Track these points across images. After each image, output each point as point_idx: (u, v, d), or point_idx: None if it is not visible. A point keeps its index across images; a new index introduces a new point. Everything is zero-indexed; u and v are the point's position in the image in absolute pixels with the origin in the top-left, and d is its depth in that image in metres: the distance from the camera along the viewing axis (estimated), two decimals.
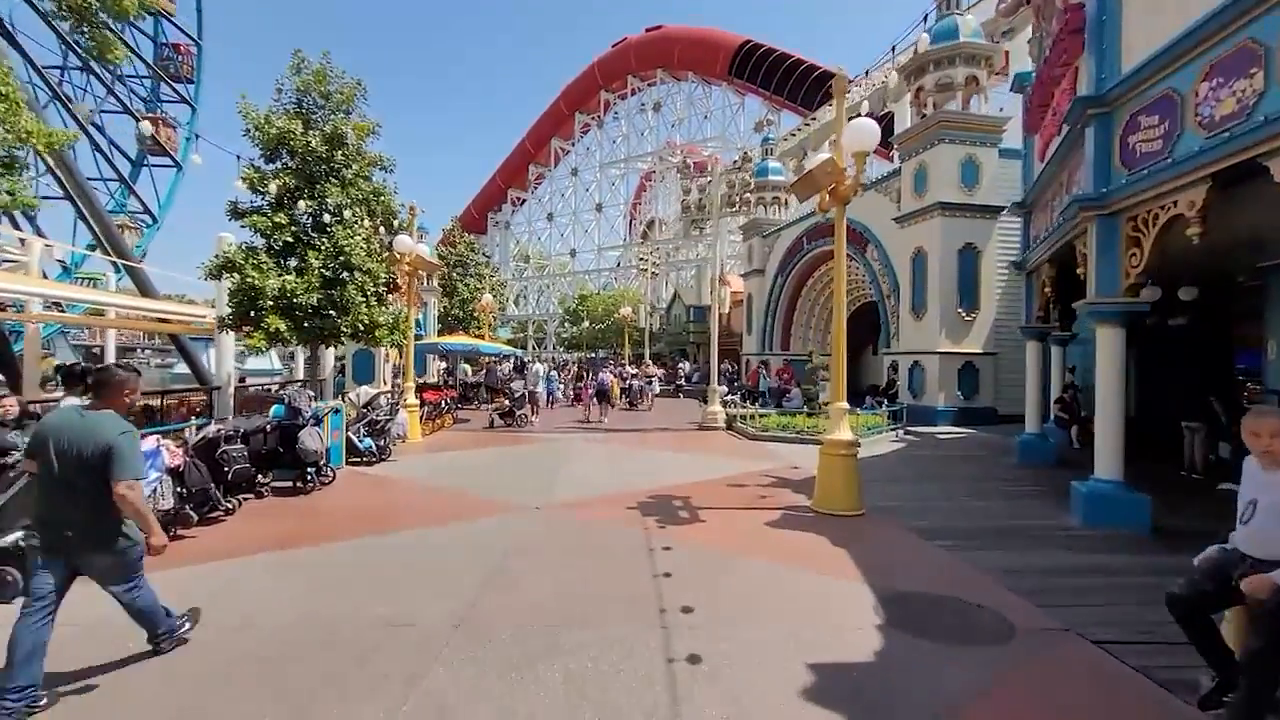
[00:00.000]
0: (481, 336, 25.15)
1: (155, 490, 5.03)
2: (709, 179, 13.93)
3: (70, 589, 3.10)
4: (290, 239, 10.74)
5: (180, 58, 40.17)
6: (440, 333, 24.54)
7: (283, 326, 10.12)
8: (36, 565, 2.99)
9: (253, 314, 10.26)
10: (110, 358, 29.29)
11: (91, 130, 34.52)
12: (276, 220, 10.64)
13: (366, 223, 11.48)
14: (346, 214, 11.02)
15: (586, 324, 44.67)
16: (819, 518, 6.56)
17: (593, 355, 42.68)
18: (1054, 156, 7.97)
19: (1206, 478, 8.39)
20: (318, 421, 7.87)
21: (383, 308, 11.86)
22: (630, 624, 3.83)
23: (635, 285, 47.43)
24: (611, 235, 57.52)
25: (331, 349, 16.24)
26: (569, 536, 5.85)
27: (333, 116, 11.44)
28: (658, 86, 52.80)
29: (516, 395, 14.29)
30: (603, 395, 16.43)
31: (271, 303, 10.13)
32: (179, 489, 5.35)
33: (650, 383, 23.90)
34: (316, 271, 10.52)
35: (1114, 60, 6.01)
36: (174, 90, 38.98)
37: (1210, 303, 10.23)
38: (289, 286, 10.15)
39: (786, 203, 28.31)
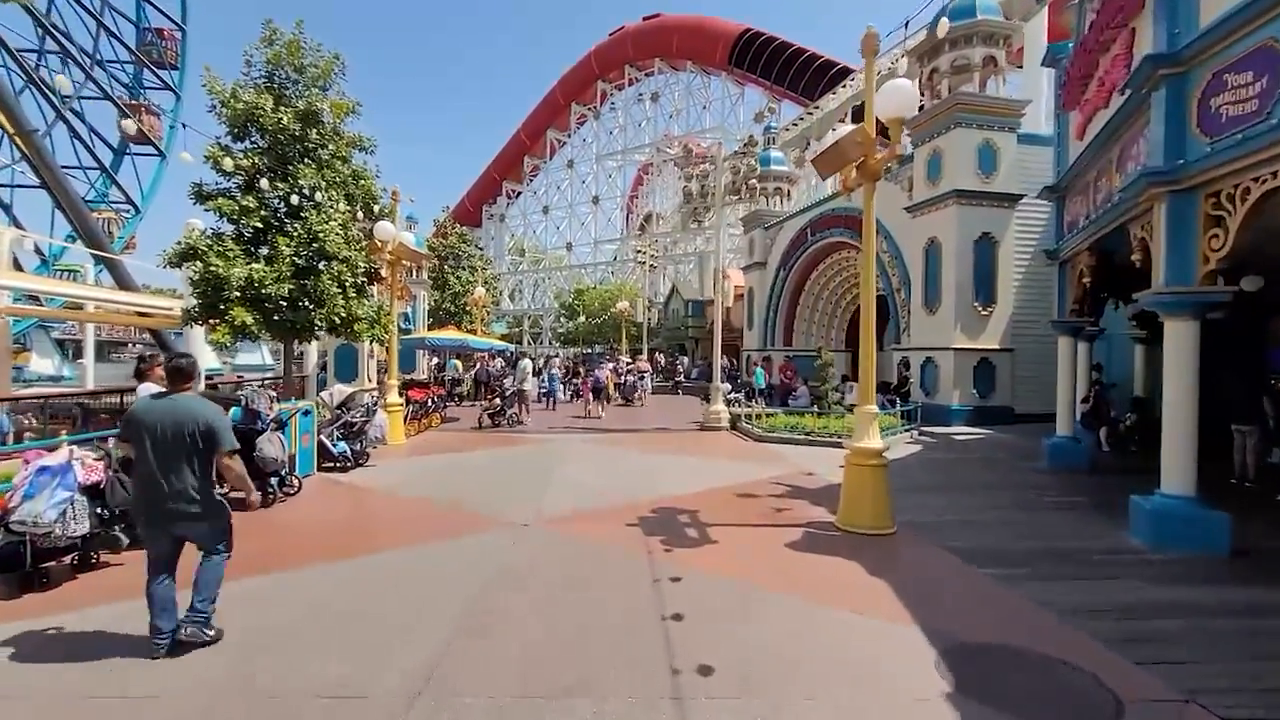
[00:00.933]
0: (474, 331, 24.30)
1: (64, 513, 4.20)
2: (711, 166, 13.04)
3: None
4: (260, 224, 9.86)
5: (164, 43, 39.01)
6: (431, 327, 23.70)
7: (249, 319, 9.26)
8: (146, 538, 3.51)
9: (220, 306, 9.40)
10: (90, 353, 28.30)
11: (70, 116, 33.41)
12: (244, 204, 9.76)
13: (343, 207, 10.60)
14: (320, 197, 10.14)
15: (582, 319, 43.80)
16: (845, 537, 5.78)
17: (588, 351, 41.84)
18: (1100, 133, 7.17)
19: (1261, 486, 7.67)
20: (281, 426, 7.04)
21: (363, 300, 11.00)
22: (635, 691, 3.04)
23: (633, 280, 46.58)
24: (608, 229, 56.63)
25: (314, 344, 15.41)
26: (559, 562, 5.04)
27: (307, 92, 10.54)
28: (655, 77, 51.76)
29: (508, 393, 13.47)
30: (598, 391, 15.99)
31: (238, 293, 9.27)
32: (99, 509, 4.52)
33: (643, 378, 23.62)
34: (288, 260, 9.66)
35: (1190, 12, 5.21)
36: (157, 77, 37.83)
37: (1248, 295, 9.50)
38: (257, 276, 9.29)
39: (789, 194, 27.54)
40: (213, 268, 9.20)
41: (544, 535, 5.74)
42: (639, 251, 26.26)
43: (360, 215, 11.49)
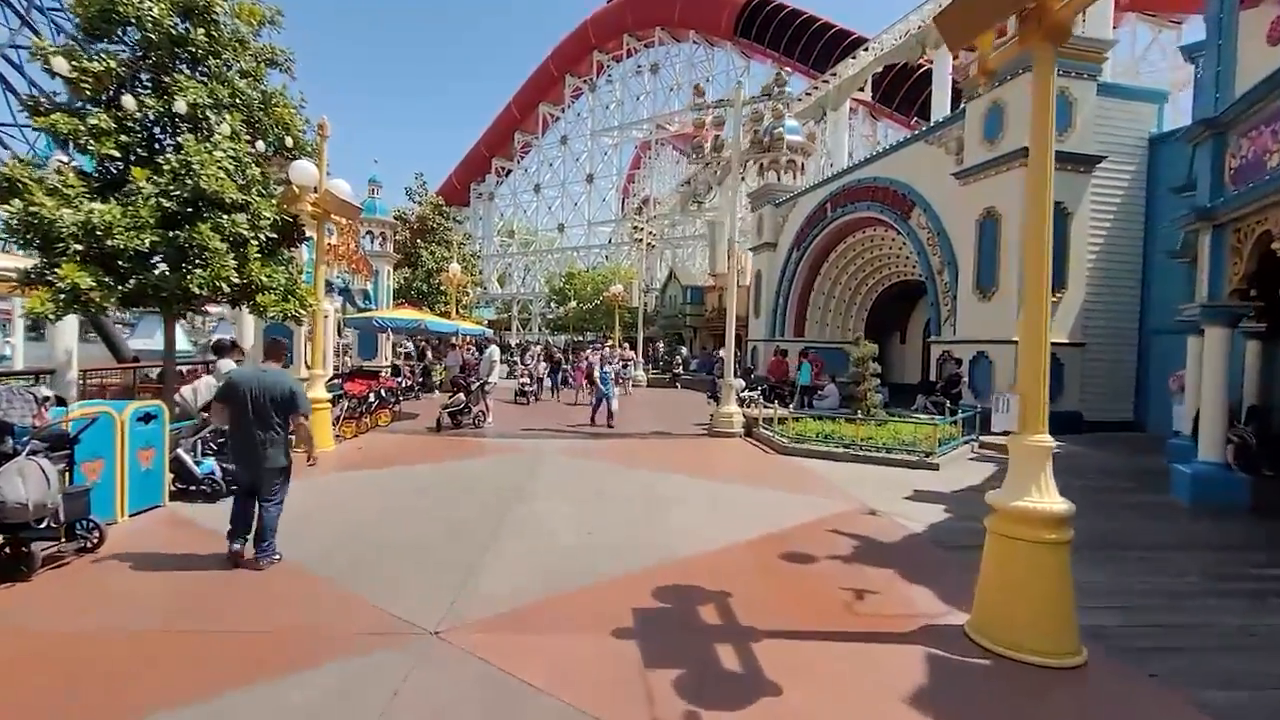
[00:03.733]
0: (447, 314, 21.60)
1: None
2: (722, 114, 10.46)
3: None
4: (115, 152, 7.13)
5: None
6: (401, 308, 20.99)
7: (87, 282, 6.56)
8: (240, 475, 4.58)
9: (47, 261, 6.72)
10: (19, 330, 25.30)
11: (2, 66, 30.08)
12: (96, 123, 7.02)
13: (243, 137, 7.88)
14: (224, 129, 7.43)
15: (574, 304, 41.10)
16: (998, 669, 3.25)
17: (579, 339, 39.21)
18: None
19: None
20: (62, 445, 4.40)
21: (271, 264, 8.31)
22: None
23: (627, 264, 43.86)
24: (603, 210, 53.66)
25: (252, 320, 12.67)
26: None
27: None
28: (656, 48, 48.60)
29: (473, 387, 10.85)
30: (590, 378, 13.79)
31: (73, 245, 6.58)
32: None
33: (625, 367, 21.68)
34: (151, 201, 6.95)
35: None
36: None
37: None
38: (100, 221, 6.58)
39: (803, 168, 24.86)
40: (36, 206, 6.48)
41: (455, 670, 3.15)
42: (636, 228, 23.51)
43: (273, 154, 8.76)
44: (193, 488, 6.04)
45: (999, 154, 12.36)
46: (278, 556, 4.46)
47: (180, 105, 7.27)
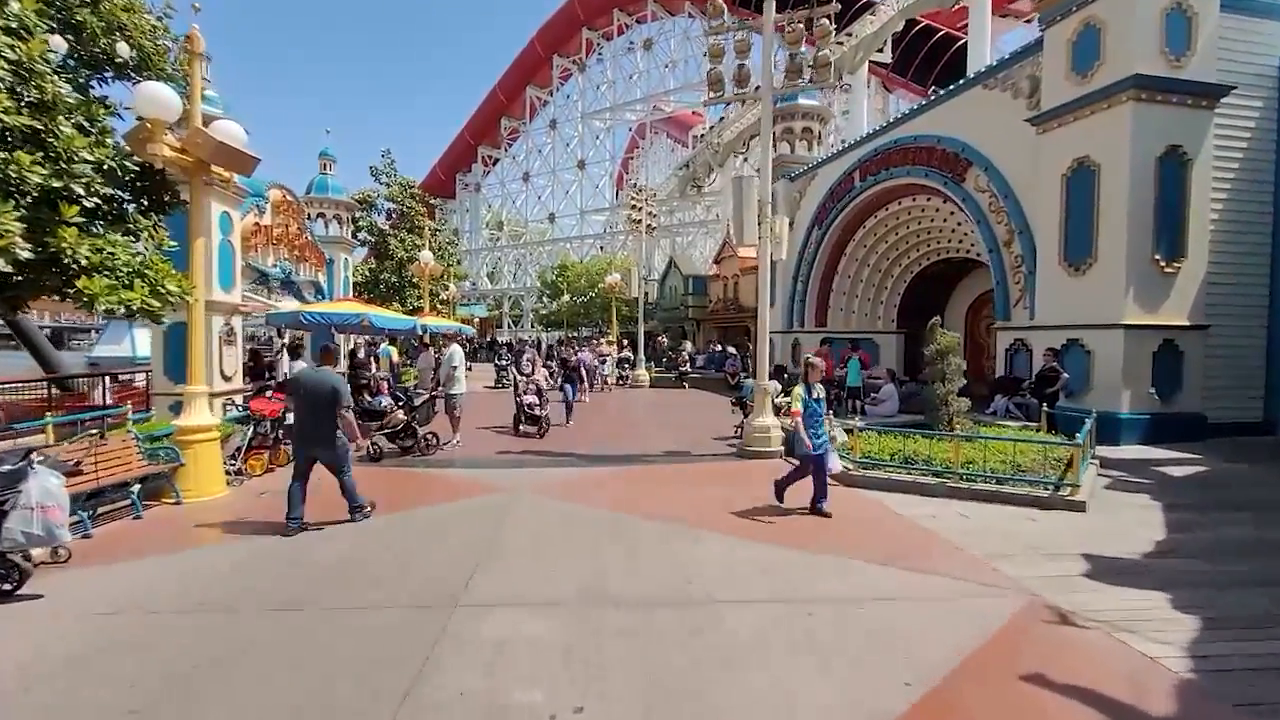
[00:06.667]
0: (419, 310, 18.90)
1: None
2: (746, 36, 7.71)
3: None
4: None
5: None
6: (370, 304, 18.30)
7: None
8: (297, 454, 5.52)
9: None
10: None
11: None
12: None
13: (38, 30, 5.18)
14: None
15: (567, 298, 38.43)
16: None
17: (573, 334, 36.60)
18: None
19: None
20: None
21: (107, 234, 5.64)
22: None
23: (624, 254, 41.17)
24: (596, 198, 50.80)
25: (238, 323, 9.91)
26: None
27: None
28: (649, 23, 45.65)
29: (417, 401, 8.20)
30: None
31: None
32: None
33: (603, 362, 20.06)
34: None
35: None
36: None
37: None
38: None
39: (820, 136, 22.23)
40: None
41: None
42: (634, 207, 20.81)
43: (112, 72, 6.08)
44: None
45: (1095, 88, 9.74)
46: (368, 510, 5.62)
47: None
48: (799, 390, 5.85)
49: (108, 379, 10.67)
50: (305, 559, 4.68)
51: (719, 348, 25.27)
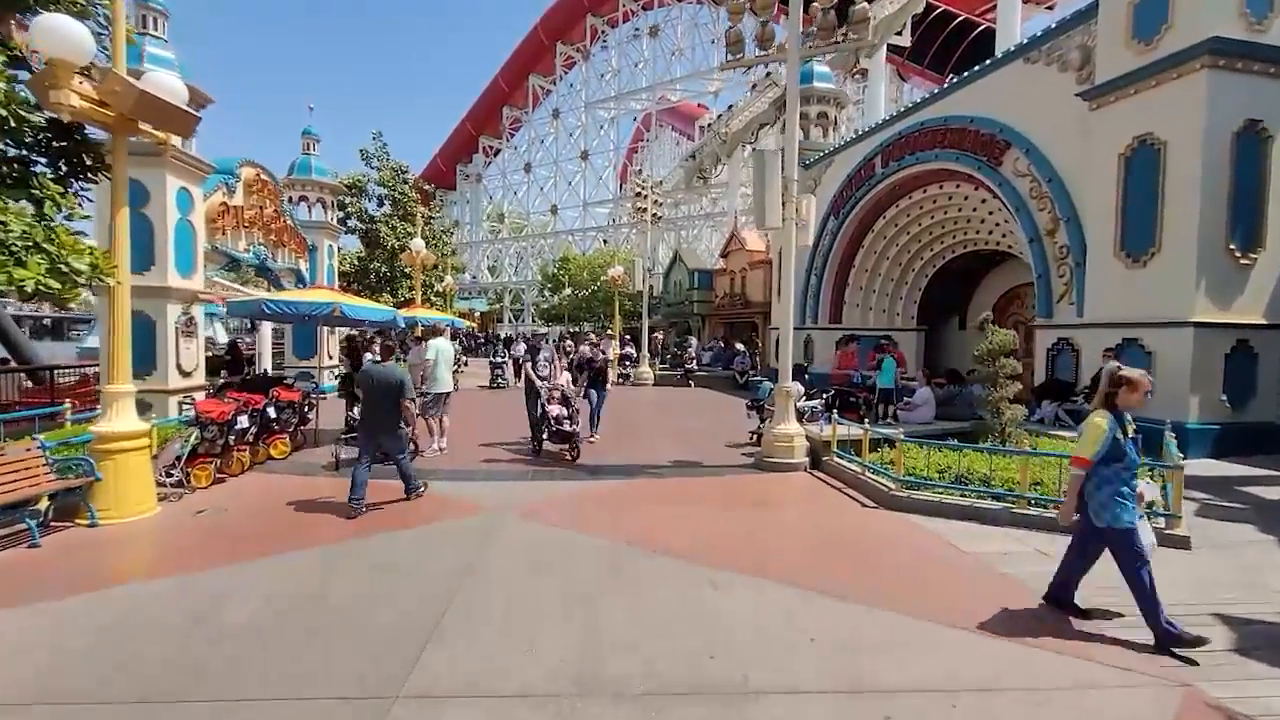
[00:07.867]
0: (410, 302, 17.90)
1: None
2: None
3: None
4: None
5: None
6: (360, 295, 17.27)
7: None
8: (363, 440, 5.94)
9: None
10: None
11: None
12: None
13: None
14: None
15: (569, 291, 37.38)
16: None
17: (574, 329, 35.53)
18: None
19: None
20: None
21: (9, 199, 4.60)
22: None
23: (627, 247, 40.09)
24: (599, 189, 49.63)
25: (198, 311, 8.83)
26: None
27: None
28: (655, 10, 44.34)
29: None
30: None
31: None
32: None
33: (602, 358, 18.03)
34: None
35: None
36: None
37: None
38: None
39: (836, 121, 21.06)
40: None
41: None
42: (639, 194, 19.71)
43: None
44: None
45: (1161, 55, 8.62)
46: (423, 488, 6.23)
47: None
48: (1101, 420, 3.39)
49: (52, 373, 9.62)
50: (215, 612, 3.64)
51: (724, 345, 24.23)
